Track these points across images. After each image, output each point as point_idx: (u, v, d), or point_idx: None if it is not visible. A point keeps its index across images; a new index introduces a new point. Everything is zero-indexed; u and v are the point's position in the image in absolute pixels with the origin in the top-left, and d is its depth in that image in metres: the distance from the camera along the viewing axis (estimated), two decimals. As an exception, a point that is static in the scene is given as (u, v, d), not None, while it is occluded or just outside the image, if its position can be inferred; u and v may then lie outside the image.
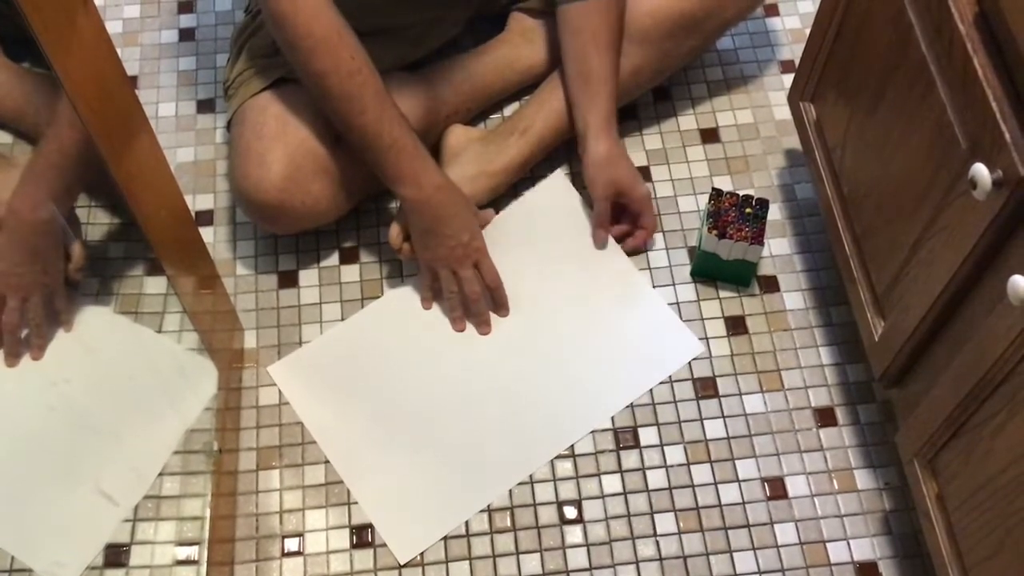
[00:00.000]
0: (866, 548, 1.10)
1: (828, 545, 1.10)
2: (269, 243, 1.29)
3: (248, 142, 1.18)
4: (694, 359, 1.21)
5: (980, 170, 0.77)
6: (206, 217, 1.32)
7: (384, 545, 1.10)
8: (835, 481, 1.14)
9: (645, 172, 1.34)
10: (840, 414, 1.18)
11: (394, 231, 1.19)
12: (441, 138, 1.30)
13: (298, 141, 1.17)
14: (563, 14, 1.22)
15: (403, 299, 1.25)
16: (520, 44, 1.36)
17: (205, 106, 1.41)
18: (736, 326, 1.24)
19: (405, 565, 1.09)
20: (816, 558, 1.10)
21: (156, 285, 1.23)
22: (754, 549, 1.10)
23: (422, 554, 1.10)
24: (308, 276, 1.28)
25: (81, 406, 1.12)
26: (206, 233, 1.29)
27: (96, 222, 1.26)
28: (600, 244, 1.26)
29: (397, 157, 1.12)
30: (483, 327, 1.21)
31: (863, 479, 1.14)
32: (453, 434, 1.16)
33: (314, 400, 1.19)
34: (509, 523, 1.12)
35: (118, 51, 0.84)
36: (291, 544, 1.11)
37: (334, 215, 1.25)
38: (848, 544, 1.11)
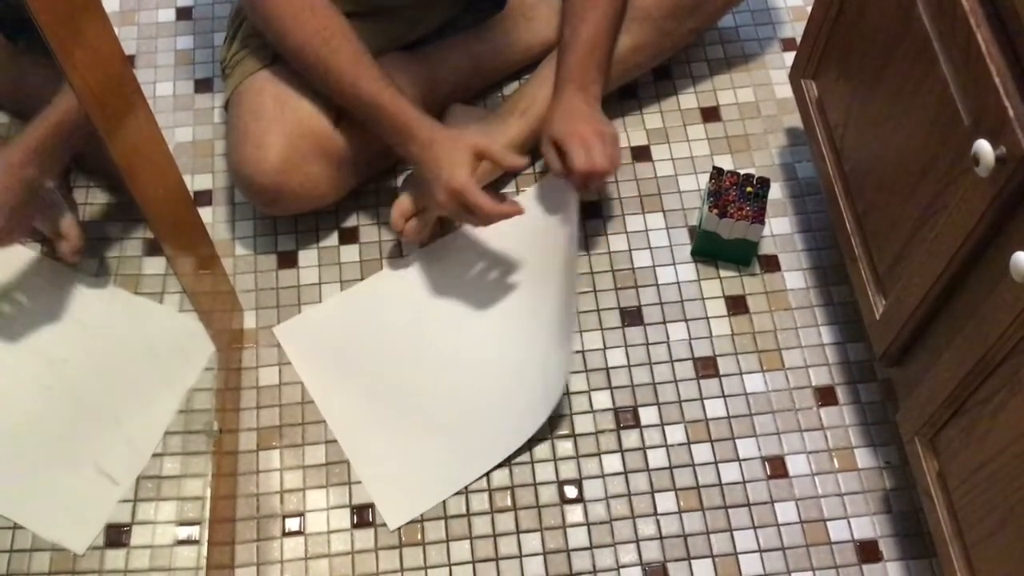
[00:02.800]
0: (866, 527, 1.10)
1: (828, 524, 1.11)
2: (268, 223, 1.29)
3: (246, 124, 1.17)
4: (695, 338, 1.21)
5: (983, 147, 0.77)
6: (205, 197, 1.31)
7: (385, 525, 1.10)
8: (835, 460, 1.14)
9: (645, 151, 1.34)
10: (841, 393, 1.18)
11: (396, 213, 1.19)
12: (441, 118, 1.29)
13: (296, 122, 1.16)
14: (568, 3, 1.20)
15: (407, 270, 1.25)
16: (520, 23, 1.35)
17: (203, 85, 1.40)
18: (737, 305, 1.23)
19: (406, 544, 1.09)
20: (816, 537, 1.10)
21: (155, 265, 1.23)
22: (755, 528, 1.10)
23: (423, 533, 1.10)
24: (307, 256, 1.27)
25: (79, 386, 1.12)
26: (205, 213, 1.29)
27: (95, 202, 1.26)
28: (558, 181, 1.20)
29: (383, 117, 1.13)
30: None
31: (863, 458, 1.14)
32: (448, 405, 1.16)
33: (315, 362, 1.20)
34: (510, 502, 1.12)
35: (115, 30, 0.83)
36: (292, 524, 1.11)
37: (333, 197, 1.25)
38: (848, 523, 1.11)
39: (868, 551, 1.09)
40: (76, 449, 1.10)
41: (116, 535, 1.09)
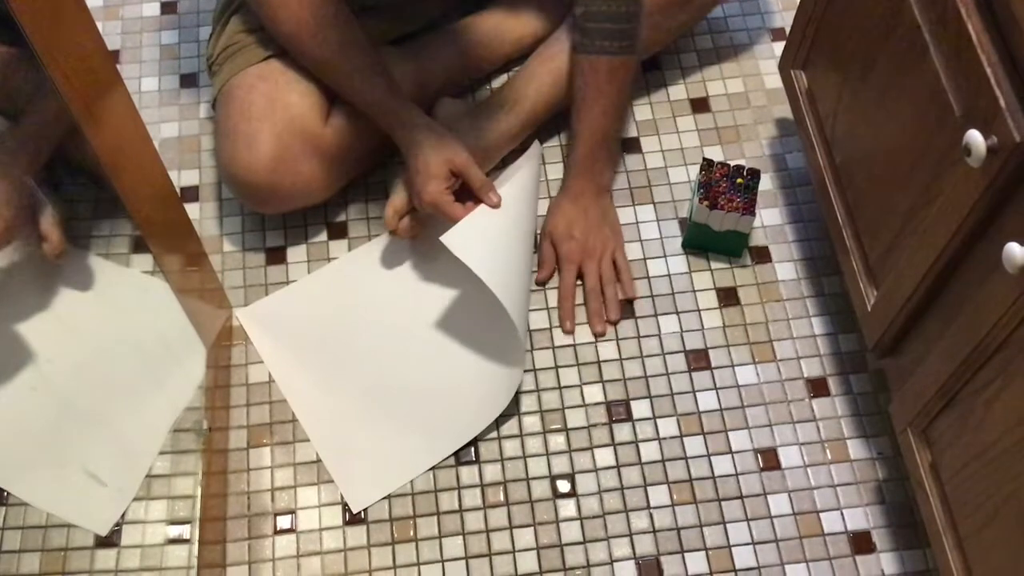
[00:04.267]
0: (859, 518, 1.10)
1: (822, 515, 1.11)
2: (256, 219, 1.28)
3: (235, 123, 1.16)
4: (686, 331, 1.21)
5: (975, 137, 0.76)
6: (191, 193, 1.30)
7: (377, 521, 1.10)
8: (828, 451, 1.14)
9: (635, 143, 1.33)
10: (833, 384, 1.18)
11: (390, 211, 1.18)
12: (430, 112, 1.29)
13: (287, 121, 1.16)
14: (579, 64, 1.20)
15: (371, 253, 1.25)
16: (507, 16, 1.34)
17: (188, 80, 1.39)
18: (728, 297, 1.23)
19: (399, 541, 1.09)
20: (810, 528, 1.10)
21: (141, 263, 1.22)
22: (748, 520, 1.10)
23: (415, 529, 1.09)
24: (296, 252, 1.26)
25: (65, 386, 1.11)
26: (192, 210, 1.28)
27: (80, 199, 1.24)
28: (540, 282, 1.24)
29: (370, 107, 1.15)
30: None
31: (856, 449, 1.14)
32: (410, 386, 1.16)
33: (278, 344, 1.20)
34: (503, 497, 1.11)
35: (99, 25, 0.82)
36: (283, 522, 1.10)
37: (324, 195, 1.24)
38: (842, 514, 1.11)
39: (861, 542, 1.09)
40: (63, 451, 1.09)
41: (106, 535, 1.08)
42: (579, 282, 1.23)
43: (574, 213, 1.22)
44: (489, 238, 1.13)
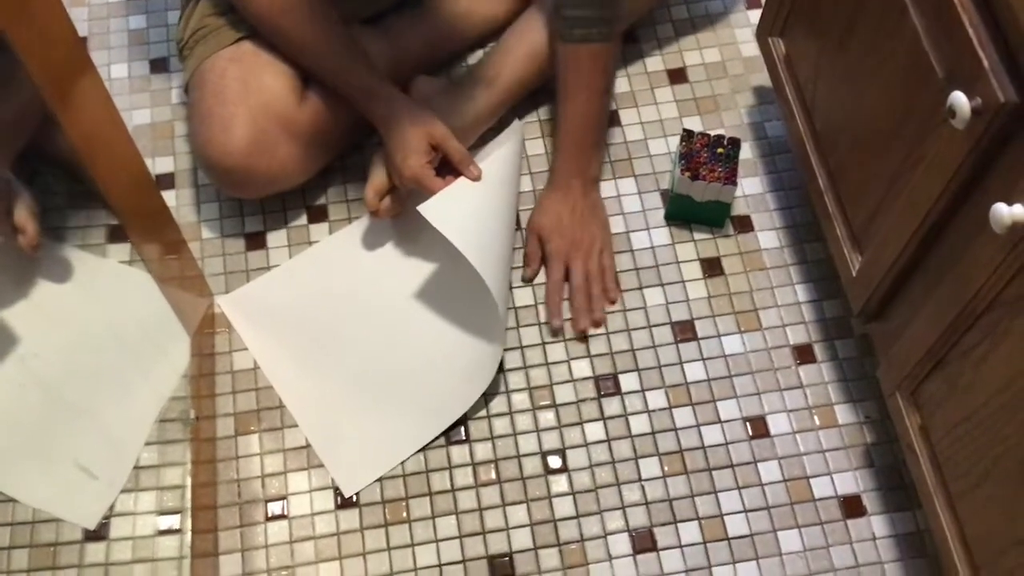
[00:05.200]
0: (849, 482, 1.11)
1: (811, 481, 1.11)
2: (234, 205, 1.26)
3: (209, 107, 1.14)
4: (671, 303, 1.21)
5: (959, 98, 0.76)
6: (167, 180, 1.28)
7: (369, 504, 1.09)
8: (816, 417, 1.14)
9: (614, 116, 1.32)
10: (818, 350, 1.18)
11: (371, 191, 1.17)
12: (406, 91, 1.27)
13: (262, 104, 1.14)
14: (560, 53, 1.19)
15: (352, 235, 1.24)
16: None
17: (159, 65, 1.37)
18: (712, 268, 1.23)
19: (392, 523, 1.09)
20: (800, 494, 1.10)
21: (120, 253, 1.20)
22: (739, 488, 1.11)
23: (408, 511, 1.09)
24: (276, 237, 1.25)
25: (49, 380, 1.10)
26: (168, 197, 1.26)
27: (54, 191, 1.23)
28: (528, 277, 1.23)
29: (346, 86, 1.14)
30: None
31: (843, 414, 1.15)
32: (395, 368, 1.16)
33: (262, 331, 1.19)
34: (494, 475, 1.11)
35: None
36: (275, 508, 1.10)
37: (302, 178, 1.23)
38: (831, 479, 1.11)
39: (852, 506, 1.10)
40: (51, 445, 1.08)
41: (96, 528, 1.07)
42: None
43: (562, 210, 1.21)
44: (468, 210, 1.13)
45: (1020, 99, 0.73)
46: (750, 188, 1.28)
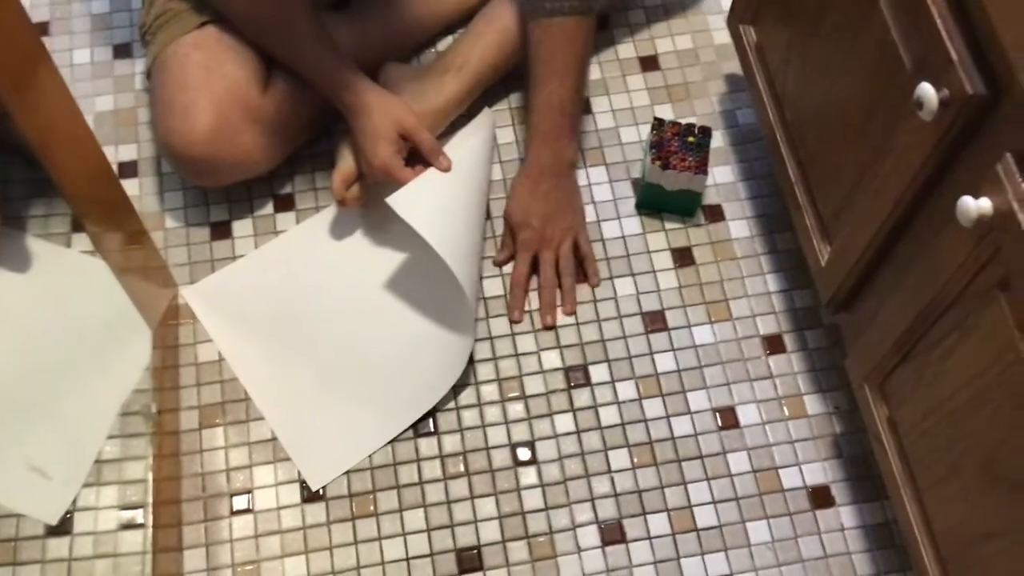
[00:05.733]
0: (818, 472, 1.11)
1: (780, 471, 1.11)
2: (199, 194, 1.24)
3: (171, 93, 1.12)
4: (642, 293, 1.20)
5: (926, 90, 0.75)
6: (130, 168, 1.26)
7: (336, 498, 1.08)
8: (785, 408, 1.14)
9: (585, 104, 1.31)
10: (788, 341, 1.18)
11: (337, 179, 1.15)
12: (375, 77, 1.25)
13: (224, 90, 1.12)
14: (532, 32, 1.16)
15: (320, 226, 1.23)
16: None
17: (122, 51, 1.34)
18: (683, 257, 1.22)
19: (359, 516, 1.07)
20: (769, 485, 1.10)
21: (81, 243, 1.18)
22: (708, 479, 1.10)
23: (375, 504, 1.08)
24: (242, 226, 1.23)
25: (2, 375, 1.08)
26: (131, 185, 1.24)
27: (12, 180, 1.20)
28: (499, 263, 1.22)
29: (312, 73, 1.12)
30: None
31: (813, 404, 1.14)
32: (362, 361, 1.15)
33: (227, 323, 1.17)
34: (463, 468, 1.10)
35: (22, -4, 0.78)
36: (240, 502, 1.08)
37: (266, 166, 1.21)
38: (800, 469, 1.11)
39: (820, 496, 1.10)
40: (4, 446, 1.06)
41: (58, 523, 1.05)
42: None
43: (534, 198, 1.18)
44: (437, 202, 1.11)
45: (987, 91, 0.72)
46: (721, 177, 1.27)
